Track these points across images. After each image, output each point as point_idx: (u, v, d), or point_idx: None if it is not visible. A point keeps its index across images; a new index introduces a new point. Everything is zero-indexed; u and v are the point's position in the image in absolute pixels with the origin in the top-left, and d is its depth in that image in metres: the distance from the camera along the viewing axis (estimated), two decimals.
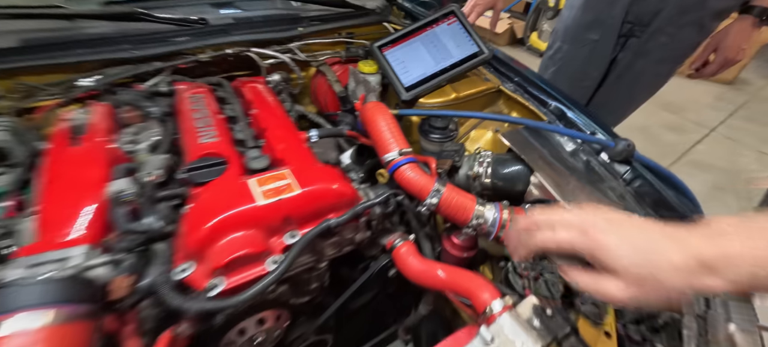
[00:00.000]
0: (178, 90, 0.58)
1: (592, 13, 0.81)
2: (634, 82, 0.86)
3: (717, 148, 2.26)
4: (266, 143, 0.52)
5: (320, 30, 0.78)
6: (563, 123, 0.66)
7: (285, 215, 0.40)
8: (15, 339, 0.25)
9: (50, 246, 0.34)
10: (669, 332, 0.46)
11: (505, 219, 0.49)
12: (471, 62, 0.70)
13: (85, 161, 0.42)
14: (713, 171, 2.03)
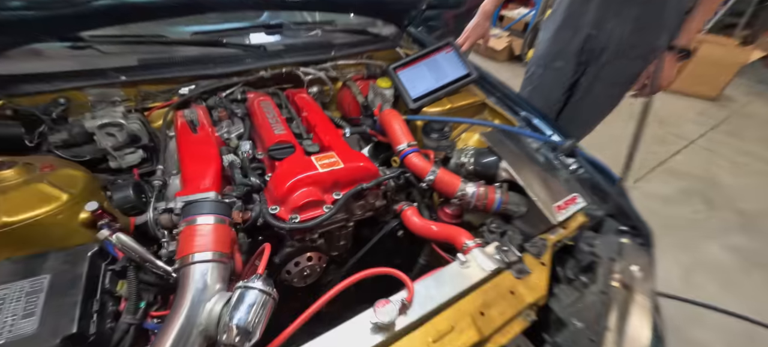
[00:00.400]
0: (250, 97, 0.81)
1: (557, 45, 1.04)
2: (593, 102, 1.09)
3: (694, 158, 2.47)
4: (315, 136, 0.74)
5: (347, 53, 1.01)
6: (530, 128, 0.88)
7: (334, 180, 0.62)
8: (203, 226, 0.47)
9: (193, 192, 0.56)
10: (593, 270, 0.67)
11: (481, 193, 0.70)
12: (463, 81, 0.92)
13: (205, 143, 0.65)
14: (687, 179, 2.24)
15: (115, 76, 0.75)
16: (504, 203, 0.70)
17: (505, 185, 0.73)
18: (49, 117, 0.68)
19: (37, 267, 0.45)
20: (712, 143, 2.71)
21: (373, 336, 0.47)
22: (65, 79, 0.72)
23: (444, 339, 0.48)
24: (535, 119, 0.89)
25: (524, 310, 0.56)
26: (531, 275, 0.60)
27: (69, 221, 0.54)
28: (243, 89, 0.83)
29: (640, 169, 2.27)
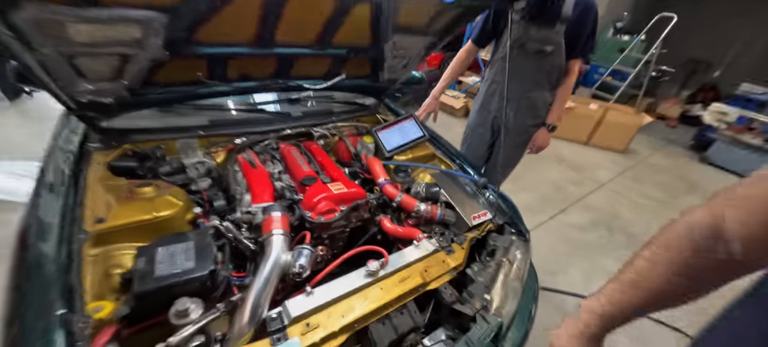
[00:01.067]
0: (281, 147, 1.24)
1: (478, 119, 1.61)
2: (503, 158, 1.65)
3: (604, 197, 3.16)
4: (326, 172, 1.18)
5: (343, 117, 1.49)
6: (461, 171, 1.37)
7: (341, 199, 1.05)
8: (277, 218, 0.88)
9: (262, 202, 0.96)
10: (493, 254, 1.13)
11: (430, 211, 1.15)
12: (420, 140, 1.42)
13: (262, 175, 1.06)
14: (597, 212, 2.88)
15: (195, 132, 1.15)
16: (443, 215, 1.16)
17: (443, 204, 1.19)
18: (156, 157, 1.07)
19: (184, 238, 0.83)
20: (618, 186, 3.45)
21: (366, 279, 0.87)
22: (166, 132, 1.12)
23: (404, 281, 0.90)
24: (465, 165, 1.39)
25: (450, 270, 0.99)
26: (455, 253, 1.04)
27: (183, 216, 0.92)
28: (276, 141, 1.26)
29: (562, 204, 2.89)
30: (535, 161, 3.62)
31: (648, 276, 0.50)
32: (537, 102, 1.52)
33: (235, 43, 0.92)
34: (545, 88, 1.50)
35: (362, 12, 0.97)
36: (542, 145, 1.58)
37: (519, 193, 2.96)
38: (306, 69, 1.22)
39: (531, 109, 1.54)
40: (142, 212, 0.85)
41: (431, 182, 1.28)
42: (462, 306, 0.93)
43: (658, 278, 0.49)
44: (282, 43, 1.00)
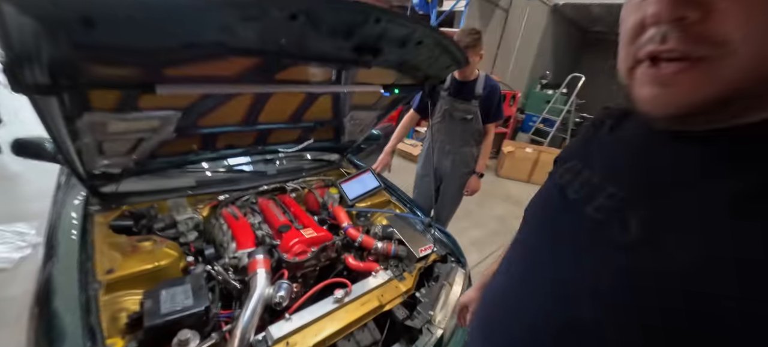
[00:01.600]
0: (259, 201, 1.47)
1: (424, 169, 1.97)
2: (448, 200, 2.00)
3: None
4: (299, 220, 1.41)
5: (312, 173, 1.76)
6: (412, 213, 1.67)
7: (312, 242, 1.28)
8: (259, 259, 1.09)
9: (246, 248, 1.17)
10: (437, 279, 1.40)
11: (386, 247, 1.41)
12: (376, 189, 1.72)
13: (244, 225, 1.27)
14: None
15: (185, 192, 1.36)
16: (396, 251, 1.42)
17: (397, 242, 1.47)
18: (150, 215, 1.25)
19: (182, 282, 1.01)
20: None
21: (333, 305, 1.09)
22: (159, 193, 1.31)
23: (364, 305, 1.13)
24: (414, 208, 1.70)
25: (402, 294, 1.24)
26: (406, 280, 1.30)
27: (177, 265, 1.10)
28: (255, 196, 1.49)
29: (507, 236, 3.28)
30: (487, 199, 4.08)
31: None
32: (467, 155, 1.92)
33: (226, 124, 1.19)
34: (472, 144, 1.92)
35: (325, 99, 1.30)
36: (475, 188, 1.96)
37: (471, 230, 3.33)
38: (281, 137, 1.50)
39: (463, 161, 1.94)
40: (145, 263, 1.02)
41: (387, 224, 1.56)
42: (411, 322, 1.17)
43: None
44: (263, 121, 1.28)
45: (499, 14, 5.39)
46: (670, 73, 0.32)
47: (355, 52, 0.79)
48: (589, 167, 0.49)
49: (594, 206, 0.43)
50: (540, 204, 0.57)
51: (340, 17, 0.64)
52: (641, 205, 0.38)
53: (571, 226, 0.46)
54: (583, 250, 0.43)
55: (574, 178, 0.50)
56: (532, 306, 0.48)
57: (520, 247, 0.58)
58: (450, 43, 0.94)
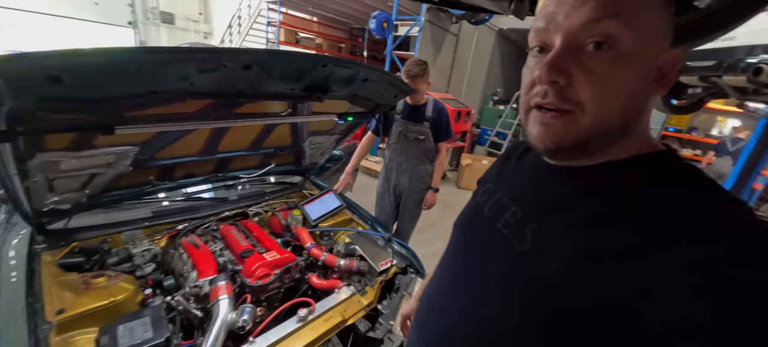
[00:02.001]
0: (221, 227, 1.49)
1: (384, 187, 2.10)
2: (408, 214, 2.14)
3: None
4: (262, 244, 1.45)
5: (274, 196, 1.80)
6: (372, 229, 1.77)
7: (275, 264, 1.33)
8: (222, 286, 1.12)
9: (208, 276, 1.19)
10: (398, 290, 1.50)
11: (348, 264, 1.49)
12: (338, 209, 1.80)
13: (205, 253, 1.29)
14: None
15: (141, 223, 1.35)
16: (358, 267, 1.50)
17: (359, 258, 1.55)
18: (103, 250, 1.22)
19: (141, 315, 1.01)
20: None
21: (297, 324, 1.15)
22: (112, 227, 1.29)
23: (327, 321, 1.20)
24: (375, 225, 1.80)
25: (364, 307, 1.32)
26: (368, 294, 1.38)
27: (134, 299, 1.09)
28: (216, 223, 1.50)
29: None
30: (449, 210, 4.29)
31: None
32: (423, 172, 2.08)
33: (186, 155, 1.22)
34: (426, 162, 2.09)
35: (284, 127, 1.37)
36: (432, 202, 2.12)
37: (434, 241, 3.49)
38: (242, 163, 1.54)
39: (420, 177, 2.09)
40: (100, 299, 1.01)
41: (349, 242, 1.64)
42: (374, 333, 1.25)
43: None
44: (223, 150, 1.32)
45: (450, 38, 5.82)
46: (549, 118, 0.43)
47: (307, 91, 0.89)
48: (500, 189, 0.60)
49: (502, 222, 0.54)
50: (465, 219, 0.68)
51: (289, 66, 0.74)
52: (534, 221, 0.48)
53: (487, 238, 0.56)
54: (495, 258, 0.52)
55: (489, 198, 0.61)
56: (458, 306, 0.56)
57: (449, 257, 0.68)
58: (393, 77, 1.07)
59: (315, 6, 7.45)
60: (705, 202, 0.37)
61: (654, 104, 0.47)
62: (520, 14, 1.04)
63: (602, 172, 0.45)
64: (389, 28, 4.81)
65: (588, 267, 0.40)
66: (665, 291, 0.33)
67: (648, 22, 0.38)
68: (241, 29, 9.39)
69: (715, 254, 0.32)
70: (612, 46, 0.38)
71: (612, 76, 0.39)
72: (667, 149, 0.45)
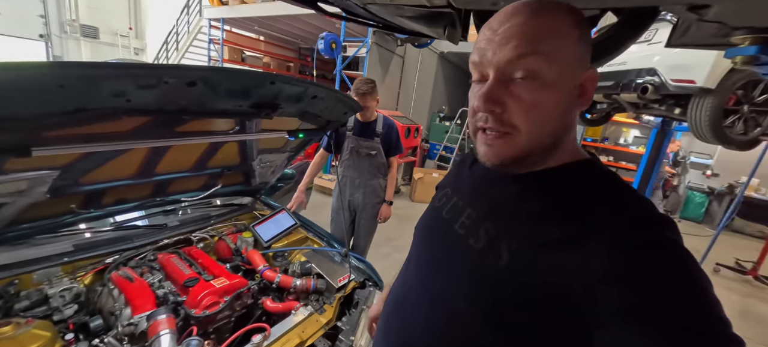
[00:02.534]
0: (159, 257, 1.36)
1: (339, 203, 2.11)
2: (364, 228, 2.16)
3: None
4: (208, 271, 1.35)
5: (222, 219, 1.70)
6: (329, 246, 1.75)
7: (224, 291, 1.25)
8: (162, 320, 1.02)
9: (144, 312, 1.07)
10: (357, 306, 1.49)
11: (305, 284, 1.45)
12: (292, 228, 1.76)
13: (141, 286, 1.17)
14: None
15: (59, 260, 1.18)
16: (316, 285, 1.47)
17: (316, 276, 1.52)
18: (9, 294, 1.05)
19: None
20: None
21: None
22: (20, 267, 1.11)
23: (284, 345, 1.15)
24: (331, 241, 1.79)
25: (323, 326, 1.29)
26: (327, 312, 1.36)
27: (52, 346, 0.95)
28: (154, 253, 1.37)
29: None
30: (404, 223, 4.38)
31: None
32: (376, 187, 2.14)
33: (117, 179, 1.11)
34: (379, 177, 2.15)
35: (232, 145, 1.33)
36: (387, 215, 2.18)
37: (393, 254, 3.54)
38: (184, 186, 1.44)
39: (373, 192, 2.15)
40: None
41: (304, 260, 1.60)
42: None
43: None
44: (162, 172, 1.23)
45: (396, 59, 6.12)
46: (491, 139, 0.50)
47: (255, 108, 0.88)
48: (457, 194, 0.65)
49: (459, 224, 0.58)
50: (425, 223, 0.72)
51: (236, 83, 0.74)
52: (487, 221, 0.53)
53: (446, 240, 0.60)
54: (454, 258, 0.57)
55: (447, 202, 0.65)
56: (421, 306, 0.59)
57: (412, 260, 0.71)
58: (342, 95, 1.12)
59: (261, 25, 7.32)
60: (618, 198, 0.46)
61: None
62: (453, 39, 1.16)
63: (540, 178, 0.53)
64: (338, 48, 4.92)
65: (532, 257, 0.46)
66: (593, 270, 0.40)
67: (565, 54, 0.46)
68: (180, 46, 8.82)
69: (623, 233, 0.40)
70: (535, 78, 0.45)
71: (538, 102, 0.46)
72: (591, 157, 0.54)
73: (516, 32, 0.45)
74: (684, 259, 0.38)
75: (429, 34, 1.24)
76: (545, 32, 0.45)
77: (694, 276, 0.37)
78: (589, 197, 0.47)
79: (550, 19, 0.45)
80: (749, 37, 0.86)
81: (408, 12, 1.04)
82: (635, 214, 0.42)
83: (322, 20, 5.91)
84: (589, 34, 0.48)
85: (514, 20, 0.46)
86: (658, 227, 0.41)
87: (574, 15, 0.46)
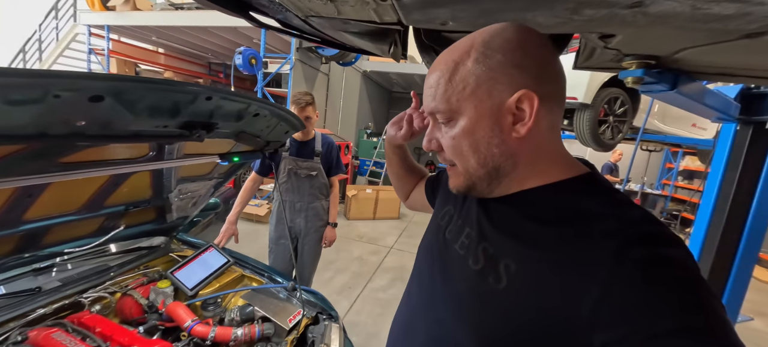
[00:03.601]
0: (32, 335, 0.99)
1: (278, 232, 1.91)
2: (309, 256, 2.00)
3: (394, 257, 4.11)
4: (112, 342, 1.04)
5: (125, 269, 1.35)
6: (271, 282, 1.55)
7: None
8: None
9: None
10: (314, 344, 1.33)
11: (249, 332, 1.23)
12: (224, 267, 1.50)
13: None
14: (393, 271, 3.71)
15: None
16: (262, 331, 1.26)
17: (260, 320, 1.31)
18: None
19: None
20: (401, 245, 4.58)
21: None
22: None
23: None
24: (273, 275, 1.58)
25: None
26: None
27: None
28: (22, 331, 0.99)
29: (368, 274, 3.53)
30: (343, 244, 4.23)
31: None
32: (318, 209, 2.00)
33: None
34: (320, 198, 2.03)
35: (141, 176, 1.07)
36: (332, 238, 2.05)
37: (335, 278, 3.36)
38: (68, 232, 1.10)
39: (316, 214, 2.00)
40: None
41: (244, 304, 1.37)
42: None
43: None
44: (33, 219, 0.91)
45: (321, 77, 6.04)
46: (450, 170, 0.56)
47: (186, 129, 0.71)
48: (457, 213, 0.63)
49: (459, 243, 0.57)
50: (427, 243, 0.69)
51: (162, 97, 0.57)
52: (485, 241, 0.52)
53: (446, 260, 0.58)
54: (454, 280, 0.54)
55: (449, 221, 0.63)
56: (423, 329, 0.57)
57: (414, 281, 0.67)
58: (286, 112, 1.00)
59: (161, 36, 6.41)
60: (616, 214, 0.43)
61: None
62: (396, 57, 1.17)
63: (514, 198, 0.52)
64: (258, 64, 4.59)
65: (531, 278, 0.44)
66: (593, 291, 0.38)
67: (477, 93, 0.46)
68: (44, 57, 7.09)
69: (621, 251, 0.38)
70: (452, 122, 0.50)
71: (458, 144, 0.50)
72: (590, 171, 0.52)
73: (432, 83, 0.50)
74: (690, 279, 0.36)
75: (373, 51, 1.22)
76: (449, 83, 0.48)
77: (701, 298, 0.35)
78: (586, 213, 0.44)
79: (455, 66, 0.48)
80: (635, 61, 1.06)
81: (354, 27, 1.00)
82: (634, 231, 0.40)
83: (236, 34, 5.48)
84: (519, 54, 0.47)
85: (432, 72, 0.51)
86: (661, 245, 0.39)
87: (484, 49, 0.46)
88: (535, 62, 0.46)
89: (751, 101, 1.96)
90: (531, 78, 0.46)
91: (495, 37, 0.46)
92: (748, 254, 1.95)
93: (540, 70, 0.46)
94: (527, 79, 0.45)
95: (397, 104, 9.87)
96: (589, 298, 0.38)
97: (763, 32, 0.63)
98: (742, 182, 1.94)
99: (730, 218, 1.96)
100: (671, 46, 0.88)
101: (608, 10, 0.62)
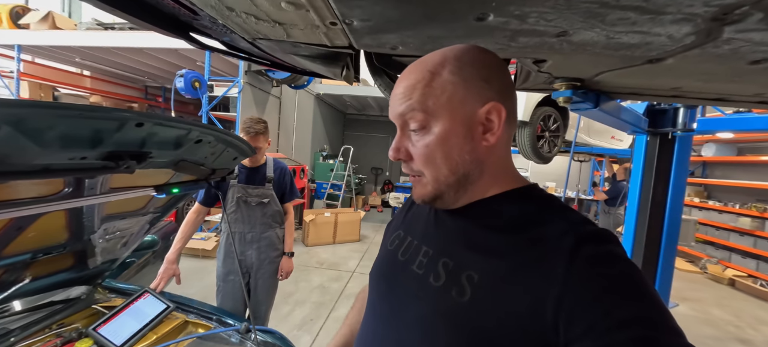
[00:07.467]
0: None
1: (226, 267, 1.75)
2: (263, 290, 1.85)
3: (357, 282, 3.99)
4: None
5: (34, 331, 1.11)
6: (222, 326, 1.39)
7: None
8: None
9: None
10: None
11: None
12: (164, 314, 1.32)
13: None
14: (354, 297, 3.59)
15: None
16: None
17: None
18: None
19: None
20: (363, 268, 4.48)
21: None
22: None
23: None
24: (223, 317, 1.42)
25: None
26: None
27: None
28: None
29: (330, 303, 3.37)
30: (302, 273, 4.01)
31: (349, 314, 0.83)
32: (272, 238, 1.88)
33: None
34: (274, 227, 1.90)
35: (55, 216, 0.91)
36: (289, 269, 1.92)
37: (295, 312, 3.15)
38: None
39: (270, 244, 1.87)
40: None
41: None
42: None
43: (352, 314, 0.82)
44: None
45: (273, 100, 5.87)
46: (413, 182, 0.55)
47: (111, 160, 0.61)
48: (411, 234, 0.62)
49: (416, 263, 0.55)
50: (379, 269, 0.66)
51: (77, 125, 0.49)
52: (445, 256, 0.52)
53: (404, 283, 0.56)
54: (415, 300, 0.53)
55: (401, 244, 0.62)
56: None
57: (369, 310, 0.63)
58: (233, 137, 0.94)
59: (86, 57, 5.77)
60: (562, 218, 0.47)
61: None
62: (349, 81, 1.17)
63: (485, 207, 0.53)
64: (202, 87, 4.32)
65: (493, 287, 0.45)
66: (551, 291, 0.40)
67: (451, 102, 0.48)
68: None
69: (573, 251, 0.41)
70: (425, 129, 0.50)
71: (431, 151, 0.50)
72: (531, 184, 0.56)
73: (407, 86, 0.50)
74: (632, 273, 0.40)
75: (326, 74, 1.22)
76: (427, 88, 0.49)
77: (645, 289, 0.39)
78: (537, 219, 0.48)
79: (431, 75, 0.49)
80: (564, 83, 1.19)
81: (305, 50, 0.99)
82: (581, 232, 0.43)
83: (178, 56, 5.14)
84: (486, 70, 0.51)
85: (405, 79, 0.51)
86: (604, 242, 0.42)
87: (457, 62, 0.49)
88: (498, 79, 0.51)
89: (655, 116, 2.33)
90: (495, 92, 0.50)
91: (465, 53, 0.50)
92: (670, 244, 2.24)
93: (502, 86, 0.51)
94: (493, 93, 0.50)
95: (352, 125, 9.94)
96: (551, 298, 0.40)
97: (661, 58, 0.75)
98: (657, 183, 2.26)
99: (652, 214, 2.25)
100: (592, 70, 1.00)
101: (539, 39, 0.70)
